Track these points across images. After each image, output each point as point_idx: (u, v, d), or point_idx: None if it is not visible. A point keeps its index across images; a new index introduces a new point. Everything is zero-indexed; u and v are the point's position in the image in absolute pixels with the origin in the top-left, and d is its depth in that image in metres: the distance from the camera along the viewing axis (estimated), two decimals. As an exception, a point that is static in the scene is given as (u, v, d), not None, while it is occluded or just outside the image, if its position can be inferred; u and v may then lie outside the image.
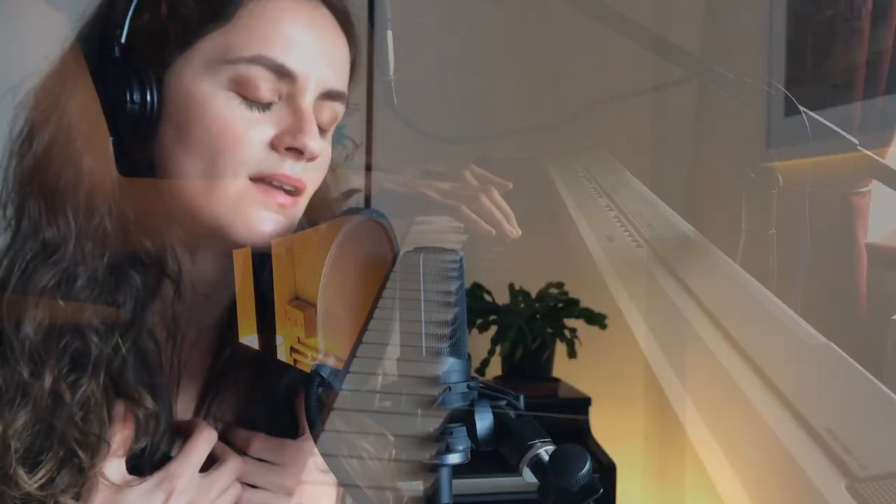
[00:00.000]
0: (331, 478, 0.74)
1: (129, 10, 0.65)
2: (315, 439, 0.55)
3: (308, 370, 0.59)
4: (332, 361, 0.60)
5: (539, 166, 1.69)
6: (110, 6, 0.67)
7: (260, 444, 0.73)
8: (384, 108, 1.01)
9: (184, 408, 0.75)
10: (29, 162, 0.67)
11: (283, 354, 0.64)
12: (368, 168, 0.88)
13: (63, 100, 0.66)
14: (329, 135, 0.72)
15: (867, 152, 1.07)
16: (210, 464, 0.70)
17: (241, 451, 0.73)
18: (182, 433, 0.71)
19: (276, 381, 0.75)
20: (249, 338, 0.66)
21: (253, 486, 0.72)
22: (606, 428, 1.74)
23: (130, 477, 0.67)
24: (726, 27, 1.67)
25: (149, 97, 0.65)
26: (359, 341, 0.58)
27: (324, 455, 0.55)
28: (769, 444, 0.99)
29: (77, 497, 0.64)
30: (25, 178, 0.67)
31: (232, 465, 0.70)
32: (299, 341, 0.62)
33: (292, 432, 0.75)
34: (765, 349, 1.09)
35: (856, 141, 1.09)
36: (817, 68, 1.36)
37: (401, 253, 0.65)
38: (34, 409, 0.63)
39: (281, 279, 0.63)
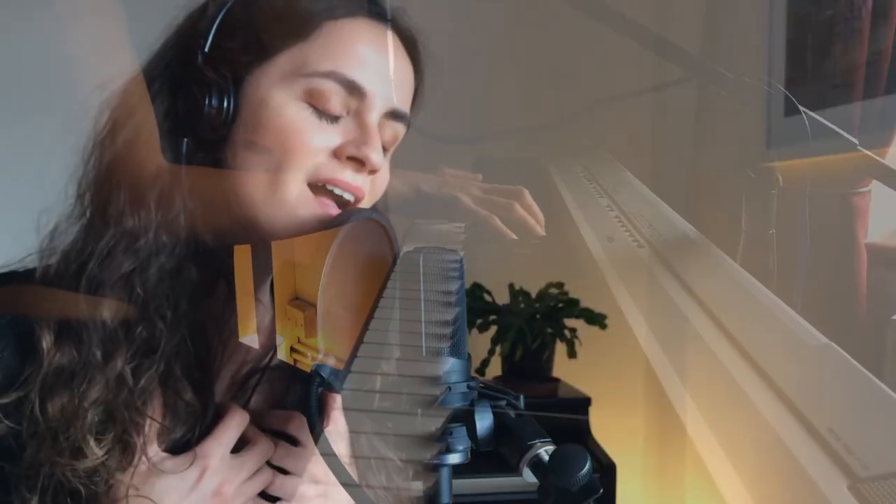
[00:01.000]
0: (352, 473, 0.75)
1: (215, 21, 0.70)
2: (315, 440, 0.55)
3: (308, 370, 0.59)
4: (332, 361, 0.60)
5: (539, 166, 1.69)
6: (198, 17, 0.72)
7: (298, 422, 0.75)
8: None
9: (221, 397, 0.76)
10: (110, 155, 0.70)
11: (283, 354, 0.64)
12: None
13: (147, 101, 0.70)
14: (389, 154, 0.76)
15: (867, 152, 1.07)
16: (242, 447, 0.72)
17: (277, 433, 0.75)
18: (216, 416, 0.73)
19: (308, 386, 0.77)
20: (249, 338, 0.66)
21: (284, 473, 0.74)
22: (606, 428, 1.74)
23: (164, 455, 0.69)
24: (726, 27, 1.67)
25: (226, 104, 0.69)
26: (359, 341, 0.58)
27: (324, 455, 0.55)
28: (770, 443, 0.99)
29: (127, 476, 0.66)
30: (109, 169, 0.70)
31: (263, 447, 0.73)
32: (299, 341, 0.62)
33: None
34: (766, 349, 1.09)
35: (856, 141, 1.09)
36: (817, 68, 1.36)
37: (401, 253, 0.65)
38: (104, 389, 0.66)
39: (281, 279, 0.63)
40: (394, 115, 0.73)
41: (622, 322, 1.36)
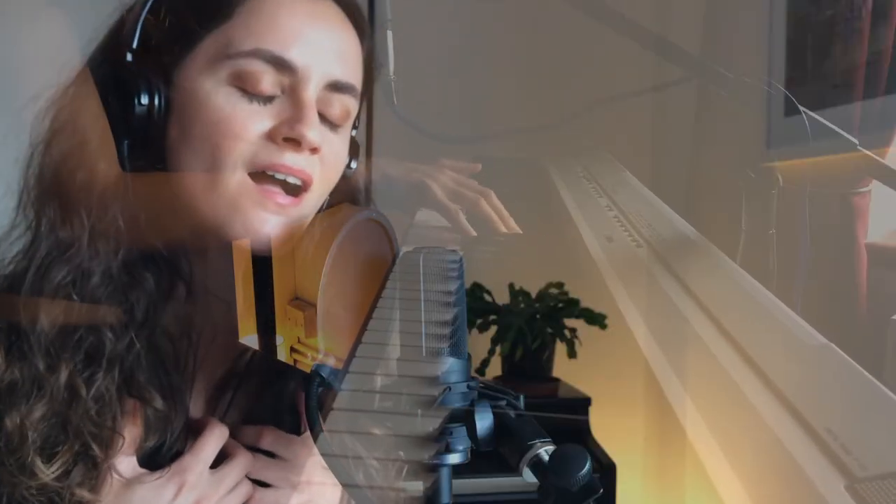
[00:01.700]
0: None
1: (140, 16, 0.68)
2: (315, 439, 0.55)
3: (308, 370, 0.59)
4: (331, 361, 0.60)
5: (539, 166, 1.69)
6: (125, 15, 0.70)
7: (271, 436, 0.74)
8: (384, 108, 1.01)
9: (199, 407, 0.76)
10: (47, 166, 0.69)
11: (283, 354, 0.64)
12: (368, 167, 0.87)
13: (78, 105, 0.69)
14: (343, 131, 0.72)
15: (867, 152, 1.07)
16: (221, 462, 0.71)
17: (251, 448, 0.74)
18: (194, 431, 0.72)
19: (284, 383, 0.76)
20: (249, 338, 0.66)
21: (263, 486, 0.73)
22: (606, 428, 1.74)
23: (142, 471, 0.68)
24: (726, 27, 1.67)
25: (156, 99, 0.66)
26: (359, 341, 0.58)
27: (324, 455, 0.55)
28: (769, 444, 0.99)
29: (92, 490, 0.65)
30: (44, 181, 0.69)
31: (242, 461, 0.71)
32: (299, 341, 0.62)
33: (296, 432, 0.76)
34: (765, 349, 1.09)
35: (856, 141, 1.09)
36: (817, 68, 1.36)
37: (401, 253, 0.65)
38: (50, 402, 0.64)
39: (281, 279, 0.63)
40: (337, 87, 0.69)
41: (622, 322, 1.36)
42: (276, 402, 0.77)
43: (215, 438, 0.70)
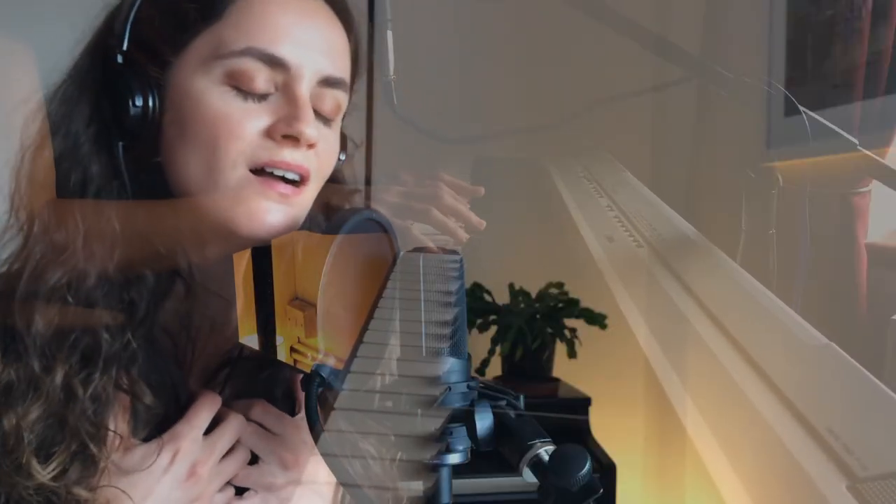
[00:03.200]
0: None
1: (129, 18, 0.68)
2: (315, 440, 0.55)
3: (308, 370, 0.59)
4: (332, 361, 0.60)
5: (539, 166, 1.69)
6: (113, 17, 0.70)
7: (260, 408, 0.74)
8: (384, 108, 1.01)
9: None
10: (40, 168, 0.69)
11: (283, 354, 0.64)
12: (368, 171, 0.87)
13: (71, 108, 0.69)
14: (335, 125, 0.73)
15: (867, 152, 1.07)
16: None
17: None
18: (187, 404, 0.72)
19: (277, 369, 0.76)
20: (249, 337, 0.66)
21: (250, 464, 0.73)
22: (606, 428, 1.74)
23: (135, 440, 0.68)
24: (726, 27, 1.67)
25: (150, 100, 0.67)
26: (359, 341, 0.58)
27: (324, 455, 0.55)
28: (770, 444, 0.99)
29: (89, 488, 0.65)
30: (36, 183, 0.69)
31: (233, 423, 0.72)
32: (299, 341, 0.62)
33: (289, 413, 0.76)
34: (765, 349, 1.09)
35: (856, 141, 1.09)
36: (817, 68, 1.36)
37: (401, 253, 0.65)
38: (46, 402, 0.65)
39: (281, 279, 0.63)
40: (328, 82, 0.69)
41: (622, 322, 1.36)
42: (269, 387, 0.77)
43: (207, 406, 0.71)
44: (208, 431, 0.71)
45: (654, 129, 1.88)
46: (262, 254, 0.65)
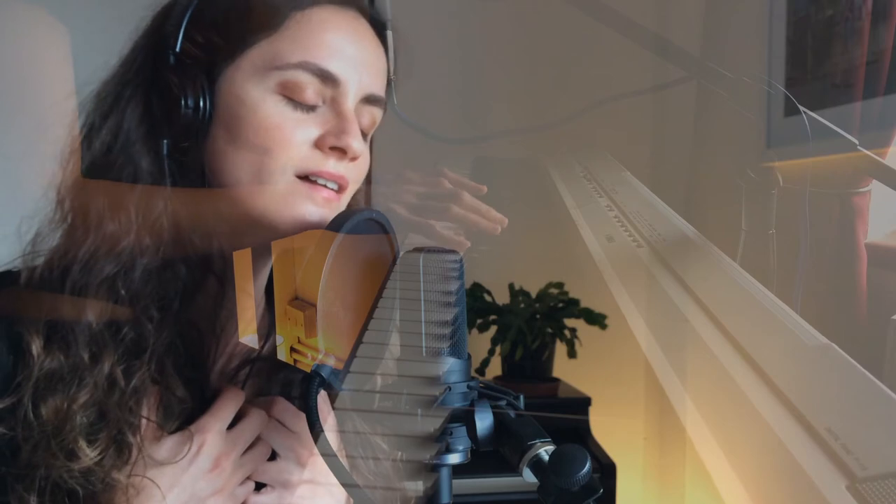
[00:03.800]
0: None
1: (183, 20, 0.70)
2: (315, 440, 0.55)
3: (308, 370, 0.59)
4: (332, 361, 0.60)
5: (539, 166, 1.69)
6: (165, 16, 0.72)
7: (280, 406, 0.75)
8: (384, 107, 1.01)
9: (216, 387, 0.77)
10: (88, 160, 0.71)
11: (283, 354, 0.64)
12: (368, 173, 0.87)
13: (122, 104, 0.71)
14: (368, 138, 0.76)
15: (867, 152, 1.08)
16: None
17: None
18: (212, 398, 0.74)
19: (294, 372, 0.77)
20: (249, 337, 0.66)
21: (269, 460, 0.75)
22: (606, 428, 1.74)
23: (161, 431, 0.69)
24: (726, 27, 1.67)
25: (202, 103, 0.69)
26: (359, 341, 0.58)
27: (323, 455, 0.55)
28: (769, 443, 0.99)
29: (125, 474, 0.66)
30: (87, 174, 0.71)
31: (256, 418, 0.73)
32: (299, 341, 0.62)
33: None
34: (765, 349, 1.09)
35: (856, 141, 1.09)
36: (817, 68, 1.36)
37: (401, 253, 0.65)
38: (93, 390, 0.66)
39: (281, 279, 0.63)
40: (370, 99, 0.73)
41: (622, 322, 1.36)
42: (286, 387, 0.79)
43: (232, 400, 0.73)
44: (231, 426, 0.72)
45: (654, 129, 1.88)
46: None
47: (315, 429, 0.55)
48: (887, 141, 1.14)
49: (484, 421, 0.56)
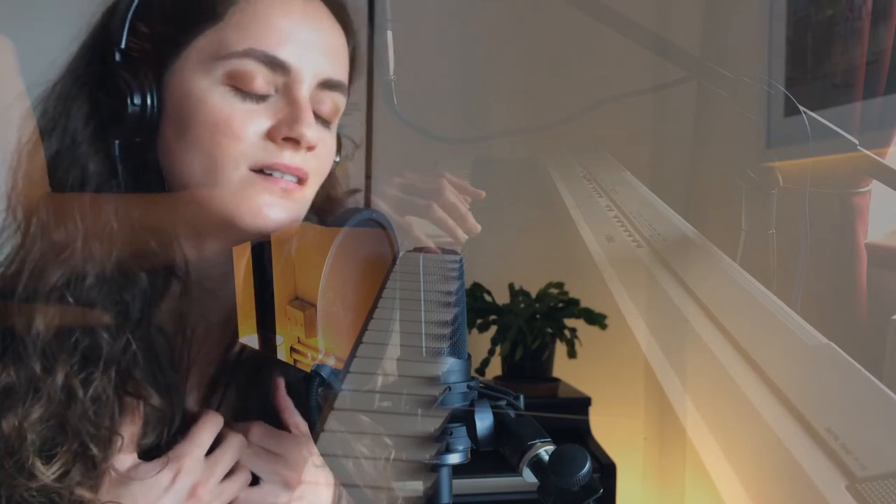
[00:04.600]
0: (327, 473, 0.74)
1: (127, 15, 0.68)
2: (315, 439, 0.55)
3: (308, 370, 0.59)
4: (332, 361, 0.60)
5: (539, 166, 1.69)
6: (111, 13, 0.69)
7: (259, 430, 0.74)
8: (384, 108, 1.01)
9: (192, 404, 0.76)
10: (37, 167, 0.69)
11: (283, 354, 0.64)
12: (368, 170, 0.87)
13: (69, 106, 0.69)
14: (333, 126, 0.73)
15: (867, 152, 1.07)
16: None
17: None
18: (189, 423, 0.72)
19: (272, 378, 0.76)
20: (249, 337, 0.66)
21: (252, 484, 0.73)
22: (606, 428, 1.74)
23: (138, 460, 0.68)
24: (726, 27, 1.67)
25: (149, 99, 0.67)
26: (359, 341, 0.58)
27: (324, 455, 0.55)
28: (769, 443, 0.99)
29: (91, 489, 0.65)
30: (34, 182, 0.69)
31: (234, 443, 0.71)
32: (299, 341, 0.62)
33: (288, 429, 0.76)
34: (765, 349, 1.09)
35: (856, 141, 1.09)
36: (817, 68, 1.36)
37: (401, 253, 0.65)
38: (48, 403, 0.64)
39: (281, 279, 0.63)
40: (328, 84, 0.70)
41: (622, 322, 1.36)
42: (265, 398, 0.76)
43: (210, 425, 0.71)
44: (209, 452, 0.71)
45: (654, 129, 1.88)
46: (261, 251, 0.65)
47: (315, 429, 0.55)
48: (887, 141, 1.14)
49: (484, 421, 0.56)
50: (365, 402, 0.55)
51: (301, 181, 0.69)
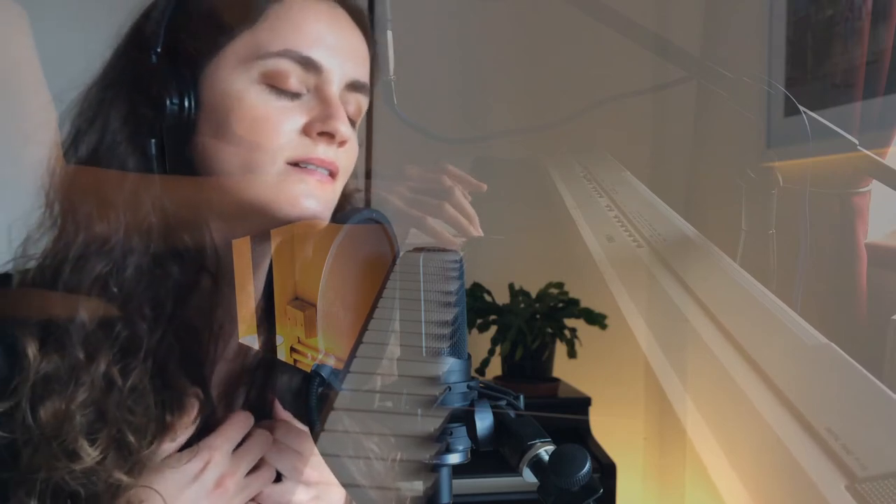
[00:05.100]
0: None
1: (164, 19, 0.71)
2: (315, 439, 0.55)
3: (308, 370, 0.59)
4: (332, 361, 0.60)
5: (539, 166, 1.69)
6: (146, 18, 0.73)
7: (283, 428, 0.76)
8: (384, 108, 1.01)
9: (217, 397, 0.77)
10: (75, 163, 0.71)
11: (283, 354, 0.64)
12: (368, 169, 0.88)
13: (106, 106, 0.72)
14: (356, 126, 0.77)
15: (867, 152, 1.07)
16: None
17: None
18: (213, 417, 0.74)
19: (293, 377, 0.77)
20: (249, 337, 0.66)
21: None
22: (606, 428, 1.74)
23: (169, 447, 0.70)
24: (726, 27, 1.67)
25: (186, 99, 0.70)
26: (359, 341, 0.58)
27: (324, 455, 0.55)
28: (769, 443, 0.99)
29: (129, 473, 0.67)
30: (74, 176, 0.71)
31: (260, 439, 0.74)
32: (299, 341, 0.63)
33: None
34: (765, 349, 1.09)
35: (856, 141, 1.09)
36: (817, 68, 1.36)
37: (401, 253, 0.65)
38: (90, 390, 0.67)
39: (281, 279, 0.63)
40: (354, 86, 0.74)
41: (622, 322, 1.36)
42: (286, 398, 0.78)
43: (241, 421, 0.73)
44: (236, 448, 0.73)
45: (654, 129, 1.88)
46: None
47: (315, 429, 0.55)
48: (887, 141, 1.14)
49: (484, 421, 0.56)
50: (365, 402, 0.55)
51: (332, 175, 0.72)
